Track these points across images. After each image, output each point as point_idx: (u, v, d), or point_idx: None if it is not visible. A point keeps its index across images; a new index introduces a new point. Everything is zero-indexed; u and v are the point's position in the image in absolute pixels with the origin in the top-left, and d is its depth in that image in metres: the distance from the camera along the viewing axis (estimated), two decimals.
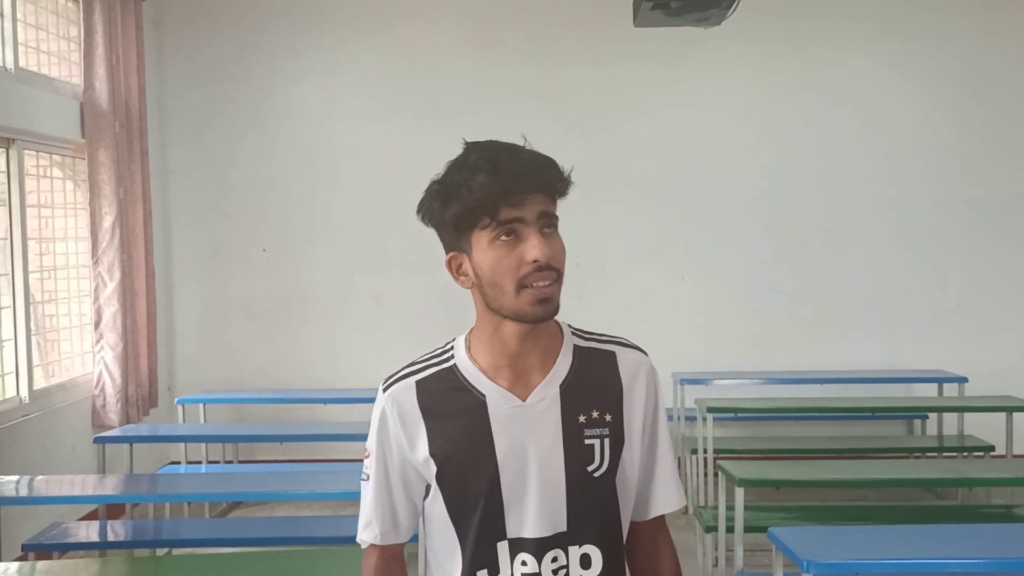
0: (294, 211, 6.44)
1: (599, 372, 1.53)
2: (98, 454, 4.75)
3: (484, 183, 1.40)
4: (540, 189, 1.42)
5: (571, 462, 1.47)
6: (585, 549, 1.48)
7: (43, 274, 5.31)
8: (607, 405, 1.51)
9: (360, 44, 6.41)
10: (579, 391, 1.50)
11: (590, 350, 1.55)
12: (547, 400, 1.48)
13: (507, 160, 1.41)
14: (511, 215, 1.40)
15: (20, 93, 4.87)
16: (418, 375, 1.53)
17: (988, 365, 6.22)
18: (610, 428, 1.50)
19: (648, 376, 1.56)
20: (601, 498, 1.49)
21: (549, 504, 1.46)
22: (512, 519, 1.46)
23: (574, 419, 1.48)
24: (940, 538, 3.18)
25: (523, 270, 1.41)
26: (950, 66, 6.35)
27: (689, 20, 4.55)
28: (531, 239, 1.41)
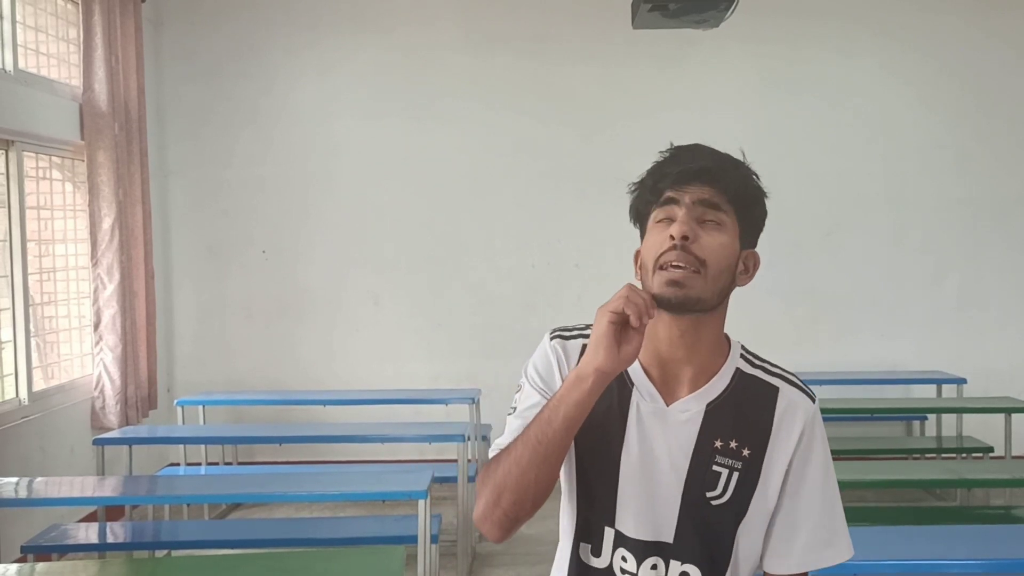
0: (292, 211, 6.45)
1: (753, 403, 1.47)
2: (97, 455, 4.75)
3: (654, 170, 1.45)
4: (700, 176, 1.42)
5: (691, 482, 1.43)
6: (686, 568, 1.45)
7: (42, 276, 5.31)
8: (750, 440, 1.45)
9: (358, 43, 6.41)
10: (725, 416, 1.45)
11: (753, 378, 1.49)
12: (690, 413, 1.45)
13: (687, 152, 1.45)
14: (670, 195, 1.42)
15: (19, 95, 4.87)
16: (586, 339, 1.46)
17: (987, 366, 6.23)
18: (743, 463, 1.44)
19: (805, 422, 1.46)
20: (716, 527, 1.44)
21: (657, 512, 1.44)
22: (622, 511, 1.45)
23: (710, 442, 1.44)
24: (939, 539, 3.18)
25: (663, 246, 1.40)
26: (946, 67, 6.36)
27: (687, 22, 4.56)
28: (679, 218, 1.40)
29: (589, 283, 6.37)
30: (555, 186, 6.37)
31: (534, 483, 1.37)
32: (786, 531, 1.47)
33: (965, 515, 4.90)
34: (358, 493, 3.82)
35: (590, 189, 6.34)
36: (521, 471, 1.37)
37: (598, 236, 6.37)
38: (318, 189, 6.45)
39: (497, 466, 1.40)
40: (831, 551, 1.48)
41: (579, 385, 1.35)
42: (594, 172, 6.34)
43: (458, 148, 6.36)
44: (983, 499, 5.40)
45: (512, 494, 1.37)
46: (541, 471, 1.37)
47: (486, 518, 1.40)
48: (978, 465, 5.28)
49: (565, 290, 6.34)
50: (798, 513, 1.46)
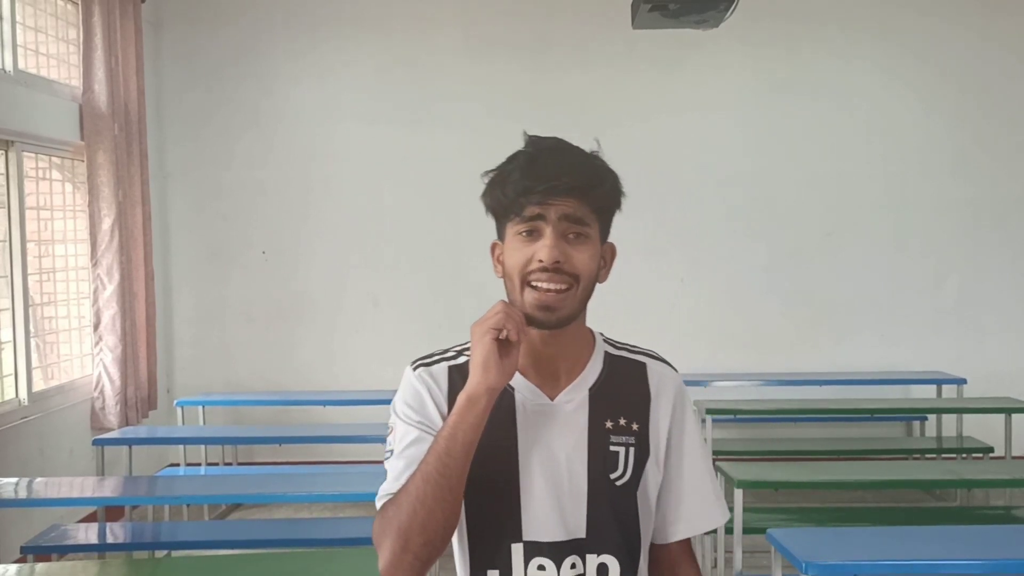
0: (292, 213, 6.44)
1: (628, 381, 1.51)
2: (97, 456, 4.75)
3: (515, 178, 1.40)
4: (568, 193, 1.38)
5: (594, 467, 1.44)
6: (603, 559, 1.44)
7: (42, 276, 5.31)
8: (634, 414, 1.48)
9: (358, 47, 6.41)
10: (608, 397, 1.47)
11: (621, 359, 1.53)
12: (575, 402, 1.46)
13: (545, 159, 1.40)
14: (533, 212, 1.39)
15: (19, 95, 4.87)
16: (451, 361, 1.49)
17: (986, 366, 6.23)
18: (636, 437, 1.47)
19: (675, 392, 1.53)
20: (623, 508, 1.46)
21: (568, 508, 1.43)
22: (528, 520, 1.42)
23: (601, 424, 1.46)
24: (939, 539, 3.18)
25: (530, 267, 1.39)
26: (946, 69, 6.36)
27: (687, 22, 4.56)
28: (545, 239, 1.38)
29: None
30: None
31: (442, 520, 1.34)
32: (673, 499, 1.51)
33: (965, 516, 4.90)
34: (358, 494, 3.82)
35: None
36: (428, 510, 1.33)
37: None
38: (318, 191, 6.45)
39: (397, 511, 1.35)
40: (712, 515, 1.53)
41: (472, 408, 1.34)
42: None
43: (458, 150, 6.35)
44: (983, 500, 5.40)
45: (421, 536, 1.33)
46: (447, 505, 1.34)
47: (396, 567, 1.34)
48: (978, 465, 5.27)
49: None
50: (683, 480, 1.51)
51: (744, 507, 3.85)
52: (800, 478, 4.45)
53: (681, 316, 6.38)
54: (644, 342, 1.63)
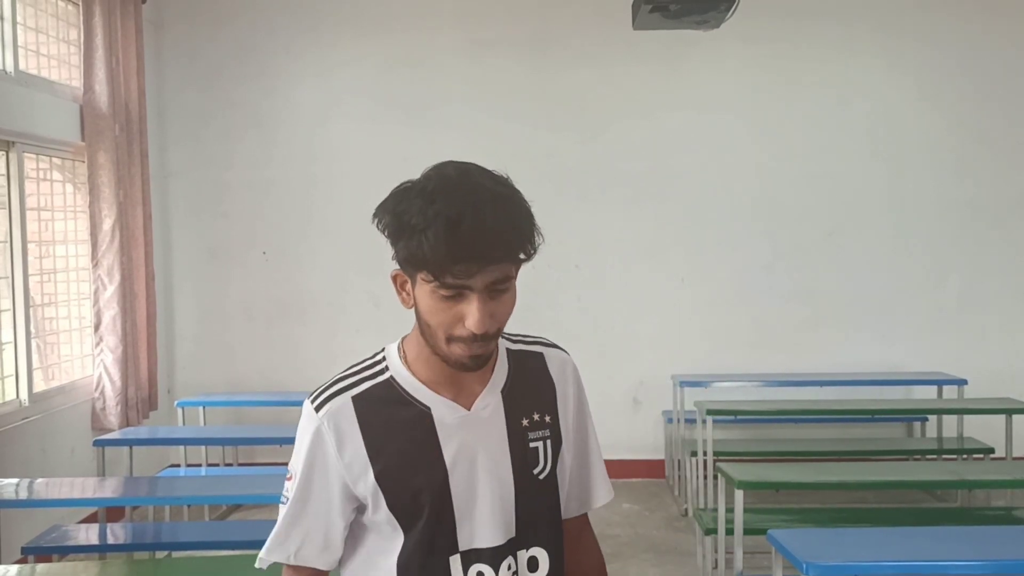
0: (293, 213, 6.45)
1: (532, 375, 1.52)
2: (98, 457, 4.75)
3: (436, 245, 1.28)
4: (495, 261, 1.32)
5: (518, 466, 1.46)
6: (533, 552, 1.47)
7: (43, 277, 5.31)
8: (545, 407, 1.51)
9: (358, 46, 6.41)
10: (519, 395, 1.49)
11: (520, 352, 1.54)
12: (491, 407, 1.46)
13: (468, 225, 1.28)
14: (457, 283, 1.31)
15: (20, 96, 4.87)
16: (352, 390, 1.44)
17: (987, 367, 6.22)
18: (550, 429, 1.50)
19: (573, 374, 1.56)
20: (547, 500, 1.50)
21: (500, 511, 1.44)
22: (464, 531, 1.42)
23: (518, 423, 1.47)
24: (939, 540, 3.18)
25: (457, 331, 1.35)
26: (948, 68, 6.36)
27: (688, 23, 4.56)
28: (471, 309, 1.32)
29: (589, 284, 6.37)
30: (555, 187, 6.36)
31: None
32: (581, 478, 1.58)
33: (966, 516, 4.90)
34: None
35: (590, 190, 6.34)
36: None
37: (598, 237, 6.37)
38: (319, 191, 6.45)
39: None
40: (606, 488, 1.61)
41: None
42: (594, 173, 6.34)
43: (458, 150, 6.29)
44: (984, 500, 5.39)
45: None
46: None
47: None
48: (979, 466, 5.27)
49: (565, 291, 6.34)
50: (589, 458, 1.59)
51: (745, 508, 3.85)
52: (801, 479, 4.44)
53: (682, 316, 6.37)
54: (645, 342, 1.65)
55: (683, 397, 5.77)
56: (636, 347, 6.30)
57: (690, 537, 5.09)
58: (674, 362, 6.22)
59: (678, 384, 5.83)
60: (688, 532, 5.21)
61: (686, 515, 5.48)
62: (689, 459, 5.46)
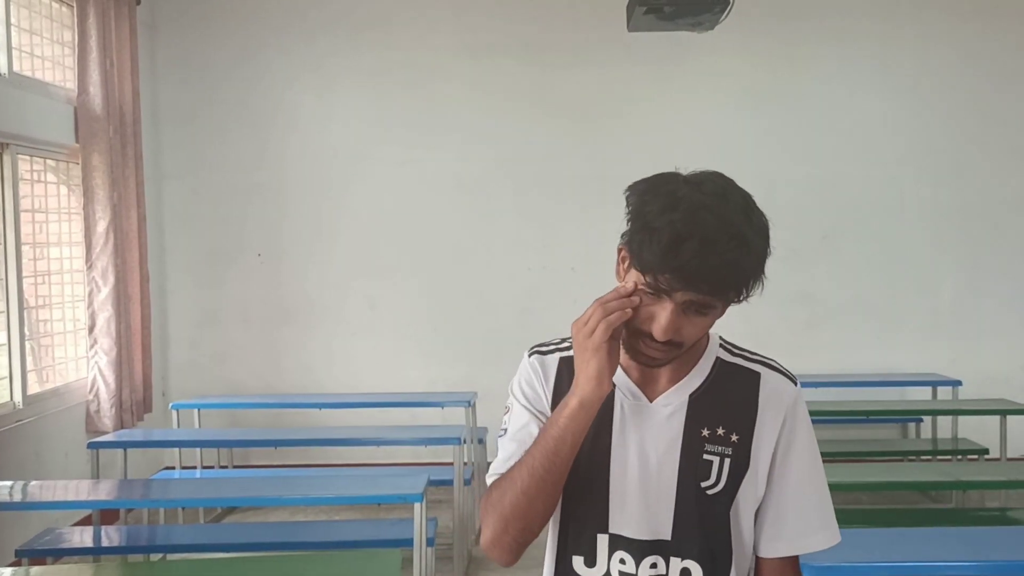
0: (288, 215, 6.44)
1: (736, 390, 1.48)
2: (92, 459, 4.74)
3: (655, 252, 1.30)
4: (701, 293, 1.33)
5: (684, 473, 1.44)
6: (687, 564, 1.45)
7: (37, 279, 5.30)
8: (736, 425, 1.45)
9: (354, 48, 6.41)
10: (709, 405, 1.46)
11: (734, 366, 1.51)
12: (673, 406, 1.46)
13: (691, 251, 1.29)
14: (658, 287, 1.33)
15: (14, 98, 4.86)
16: (564, 352, 1.53)
17: (982, 368, 6.24)
18: (734, 449, 1.44)
19: (788, 405, 1.48)
20: (712, 517, 1.45)
21: (654, 509, 1.44)
22: (616, 515, 1.45)
23: (697, 431, 1.45)
24: (934, 541, 3.18)
25: (643, 326, 1.36)
26: (943, 72, 6.37)
27: (683, 25, 4.56)
28: (662, 315, 1.34)
29: (585, 286, 6.34)
30: (552, 190, 6.37)
31: (542, 510, 1.41)
32: (775, 515, 1.48)
33: (961, 517, 4.91)
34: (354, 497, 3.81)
35: (586, 192, 6.34)
36: (529, 501, 1.39)
37: (594, 239, 6.36)
38: (314, 193, 6.45)
39: (502, 496, 1.41)
40: (819, 536, 1.49)
41: (584, 413, 1.37)
42: (590, 175, 6.34)
43: (454, 153, 6.36)
44: (978, 501, 5.40)
45: (520, 522, 1.40)
46: (548, 498, 1.40)
47: (495, 545, 1.44)
48: (973, 467, 5.28)
49: (562, 294, 6.33)
50: (786, 497, 1.47)
51: None
52: None
53: None
54: None
55: None
56: None
57: None
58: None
59: None
60: None
61: None
62: None
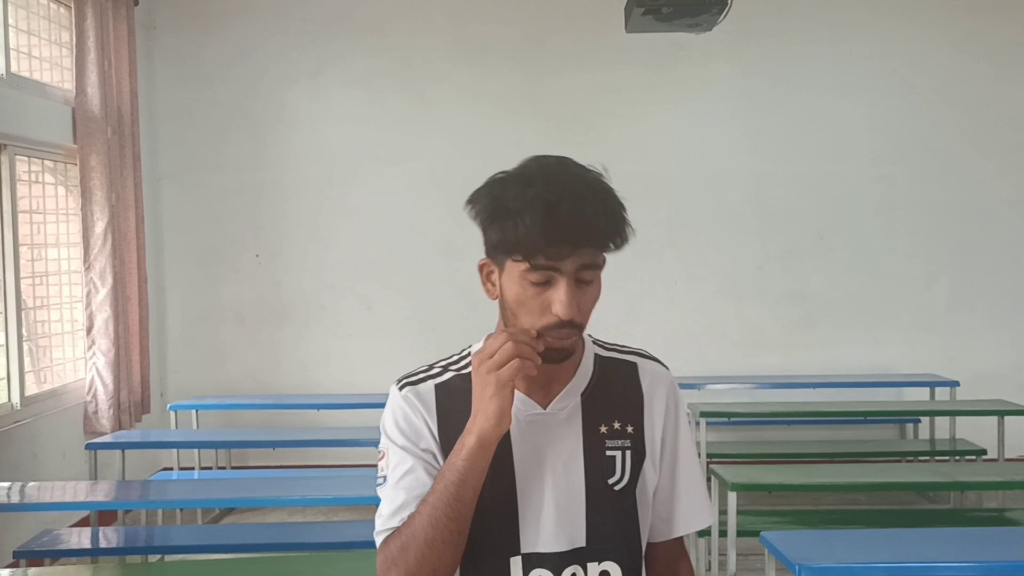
0: (286, 216, 6.44)
1: (621, 383, 1.48)
2: (90, 460, 4.74)
3: (531, 227, 1.29)
4: (589, 245, 1.33)
5: (591, 473, 1.42)
6: (605, 566, 1.42)
7: (35, 280, 5.29)
8: (629, 416, 1.46)
9: (351, 49, 6.41)
10: (601, 401, 1.45)
11: (611, 360, 1.51)
12: (568, 409, 1.43)
13: (566, 210, 1.29)
14: (548, 264, 1.31)
15: (12, 98, 4.86)
16: (436, 379, 1.46)
17: (979, 369, 6.25)
18: (631, 440, 1.45)
19: (668, 389, 1.51)
20: (622, 512, 1.44)
21: (567, 517, 1.40)
22: (527, 533, 1.39)
23: (595, 429, 1.44)
24: (932, 541, 3.18)
25: (545, 320, 1.34)
26: (936, 71, 6.38)
27: (680, 26, 4.56)
28: (560, 293, 1.32)
29: None
30: None
31: (451, 559, 1.33)
32: (671, 496, 1.50)
33: (958, 518, 4.91)
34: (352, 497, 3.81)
35: None
36: (436, 553, 1.31)
37: None
38: (310, 194, 6.45)
39: (404, 551, 1.32)
40: (706, 513, 1.54)
41: (483, 453, 1.31)
42: None
43: (451, 152, 6.35)
44: (976, 502, 5.41)
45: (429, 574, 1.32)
46: (457, 546, 1.33)
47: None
48: (971, 468, 5.29)
49: None
50: (678, 480, 1.50)
51: (738, 510, 3.86)
52: (794, 481, 4.46)
53: (674, 318, 6.38)
54: (638, 344, 1.62)
55: None
56: None
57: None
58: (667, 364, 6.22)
59: None
60: None
61: None
62: None
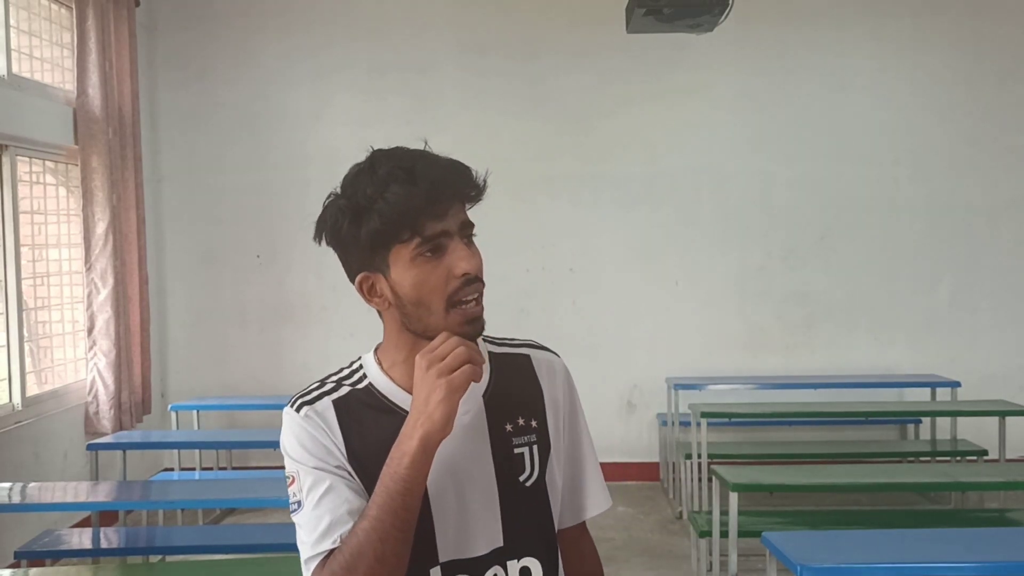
0: (286, 216, 6.43)
1: (518, 378, 1.47)
2: (91, 461, 4.74)
3: (402, 193, 1.28)
4: (459, 197, 1.34)
5: (502, 473, 1.40)
6: (525, 562, 1.41)
7: (36, 280, 5.29)
8: (531, 411, 1.45)
9: (351, 49, 6.41)
10: (503, 399, 1.43)
11: (504, 356, 1.49)
12: (472, 412, 1.40)
13: (423, 168, 1.31)
14: (437, 228, 1.31)
15: (13, 99, 4.86)
16: (333, 395, 1.41)
17: (981, 369, 6.24)
18: (537, 434, 1.44)
19: (564, 377, 1.50)
20: (536, 508, 1.44)
21: (483, 520, 1.39)
22: (444, 541, 1.36)
23: (501, 429, 1.42)
24: (933, 542, 3.18)
25: (451, 285, 1.32)
26: (940, 72, 6.38)
27: (681, 26, 4.56)
28: (458, 250, 1.32)
29: (583, 287, 6.37)
30: (550, 191, 6.37)
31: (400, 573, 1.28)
32: (577, 483, 1.51)
33: (960, 518, 4.91)
34: None
35: (585, 193, 6.35)
36: (389, 569, 1.26)
37: (592, 240, 6.38)
38: (312, 195, 6.38)
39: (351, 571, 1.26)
40: (604, 496, 1.54)
41: (426, 457, 1.27)
42: (588, 176, 6.35)
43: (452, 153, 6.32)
44: (977, 502, 5.41)
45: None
46: (405, 557, 1.28)
47: None
48: (972, 468, 5.29)
49: (559, 294, 6.35)
50: (583, 465, 1.51)
51: (739, 510, 3.86)
52: (795, 481, 4.45)
53: (676, 319, 6.38)
54: (639, 345, 1.62)
55: (677, 400, 5.78)
56: (630, 350, 6.31)
57: (684, 540, 5.09)
58: (668, 365, 6.22)
59: (672, 387, 5.83)
60: (682, 535, 5.21)
61: (680, 518, 5.49)
62: (683, 462, 5.46)
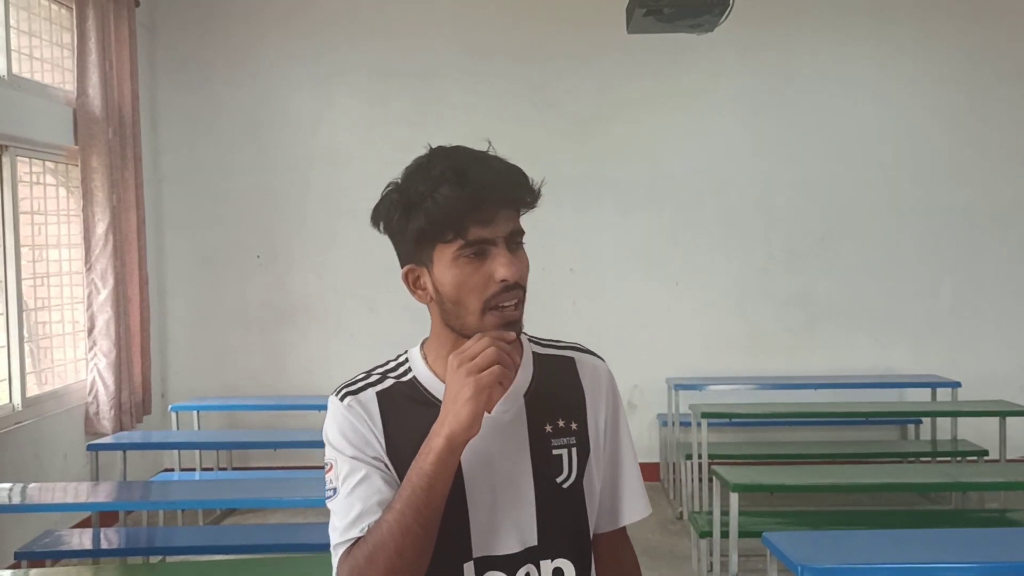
0: (287, 217, 6.44)
1: (560, 380, 1.48)
2: (91, 461, 4.74)
3: (451, 196, 1.31)
4: (510, 205, 1.36)
5: (539, 474, 1.41)
6: (558, 563, 1.42)
7: (36, 281, 5.29)
8: (572, 413, 1.46)
9: (354, 51, 6.41)
10: (544, 400, 1.45)
11: (549, 357, 1.51)
12: (512, 411, 1.42)
13: (477, 172, 1.33)
14: (480, 235, 1.33)
15: (13, 99, 4.86)
16: (377, 387, 1.44)
17: (981, 370, 6.24)
18: (576, 437, 1.45)
19: (608, 382, 1.52)
20: (571, 510, 1.45)
21: (518, 518, 1.40)
22: (478, 537, 1.38)
23: (541, 429, 1.43)
24: (934, 542, 3.18)
25: (490, 290, 1.34)
26: (942, 74, 6.38)
27: (682, 27, 4.56)
28: (500, 257, 1.34)
29: (584, 288, 6.37)
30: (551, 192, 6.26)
31: (420, 568, 1.31)
32: (616, 488, 1.52)
33: (960, 518, 4.91)
34: None
35: (586, 195, 6.34)
36: (406, 561, 1.28)
37: (593, 241, 6.37)
38: (313, 196, 6.45)
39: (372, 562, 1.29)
40: (644, 503, 1.55)
41: (452, 456, 1.29)
42: (590, 177, 6.34)
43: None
44: (978, 502, 5.41)
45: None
46: (427, 553, 1.31)
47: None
48: (973, 468, 5.29)
49: (560, 295, 6.34)
50: (622, 471, 1.52)
51: (740, 510, 3.86)
52: (795, 481, 4.45)
53: (676, 320, 6.38)
54: (640, 346, 1.63)
55: (678, 400, 5.78)
56: (631, 351, 6.30)
57: (685, 540, 5.09)
58: (669, 365, 6.22)
59: (673, 387, 5.83)
60: (683, 535, 5.21)
61: (681, 518, 5.48)
62: (684, 462, 5.46)
